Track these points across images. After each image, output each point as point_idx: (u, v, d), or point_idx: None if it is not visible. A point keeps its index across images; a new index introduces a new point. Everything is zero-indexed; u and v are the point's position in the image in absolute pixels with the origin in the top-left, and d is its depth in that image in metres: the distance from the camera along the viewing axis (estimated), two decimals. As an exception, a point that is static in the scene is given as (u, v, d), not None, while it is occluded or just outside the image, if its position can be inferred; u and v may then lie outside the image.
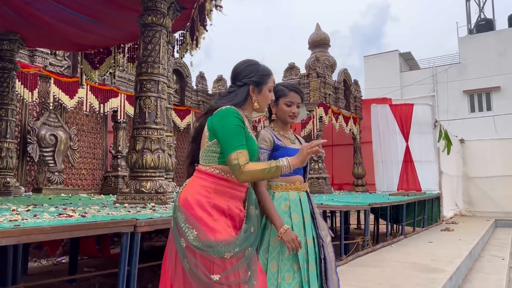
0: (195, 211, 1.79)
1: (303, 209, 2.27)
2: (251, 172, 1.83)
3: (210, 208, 1.81)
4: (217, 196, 1.85)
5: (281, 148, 2.28)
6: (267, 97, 2.06)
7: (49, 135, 7.57)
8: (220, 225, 1.79)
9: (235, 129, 1.85)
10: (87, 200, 5.37)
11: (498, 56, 22.63)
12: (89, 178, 8.68)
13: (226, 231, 1.80)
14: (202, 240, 1.74)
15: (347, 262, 5.29)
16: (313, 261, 2.16)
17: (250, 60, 2.09)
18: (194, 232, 1.75)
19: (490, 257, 7.17)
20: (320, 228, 2.30)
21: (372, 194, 9.92)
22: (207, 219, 1.78)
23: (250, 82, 2.00)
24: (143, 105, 4.12)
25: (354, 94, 11.78)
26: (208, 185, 1.86)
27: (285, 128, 2.41)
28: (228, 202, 1.86)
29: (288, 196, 2.26)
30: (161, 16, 4.29)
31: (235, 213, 1.88)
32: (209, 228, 1.77)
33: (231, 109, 1.90)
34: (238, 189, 1.92)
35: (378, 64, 25.74)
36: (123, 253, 2.37)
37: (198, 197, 1.83)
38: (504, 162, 12.90)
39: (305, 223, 2.24)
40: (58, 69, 7.72)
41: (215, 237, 1.75)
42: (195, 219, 1.77)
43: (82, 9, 5.14)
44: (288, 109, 2.34)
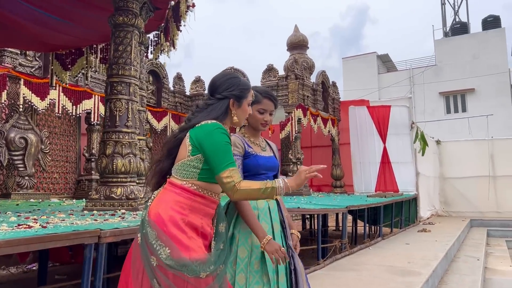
0: (168, 228, 1.68)
1: (272, 218, 2.18)
2: (246, 190, 1.76)
3: (184, 225, 1.71)
4: (191, 213, 1.75)
5: (252, 156, 2.20)
6: (246, 111, 1.99)
7: (19, 138, 7.30)
8: (195, 243, 1.71)
9: (225, 146, 1.78)
10: (56, 206, 5.18)
11: (472, 59, 23.15)
12: (61, 182, 8.42)
13: (200, 249, 1.72)
14: (176, 258, 1.63)
15: (324, 266, 5.24)
16: (283, 272, 2.08)
17: (230, 73, 2.05)
18: (167, 250, 1.64)
19: (465, 258, 7.25)
20: (289, 238, 2.23)
21: (350, 196, 9.95)
22: (181, 236, 1.68)
23: (231, 96, 1.93)
24: (114, 108, 3.98)
25: (332, 96, 11.82)
26: (184, 201, 1.76)
27: (256, 134, 2.32)
28: (202, 220, 1.78)
29: (257, 204, 2.17)
30: (132, 16, 4.16)
31: (207, 232, 1.80)
32: (184, 246, 1.67)
33: (219, 125, 1.82)
34: (211, 206, 1.84)
35: (356, 66, 26.02)
36: (86, 266, 2.25)
37: (171, 213, 1.72)
38: (478, 162, 13.15)
39: (274, 232, 2.15)
40: (28, 70, 7.46)
41: (190, 256, 1.66)
42: (168, 237, 1.66)
43: (51, 9, 4.95)
44: (260, 117, 2.25)
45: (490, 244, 9.99)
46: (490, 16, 25.82)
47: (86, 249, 2.25)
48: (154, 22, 5.31)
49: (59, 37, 5.66)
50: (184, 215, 1.72)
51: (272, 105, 2.27)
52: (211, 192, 1.82)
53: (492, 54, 22.82)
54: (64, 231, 2.16)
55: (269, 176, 2.25)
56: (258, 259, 2.07)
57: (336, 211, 6.54)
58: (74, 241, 2.16)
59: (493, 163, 13.19)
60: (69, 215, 3.33)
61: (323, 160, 12.30)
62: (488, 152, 13.21)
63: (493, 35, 23.55)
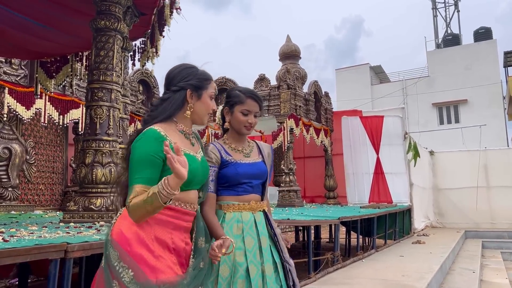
0: (132, 248, 1.48)
1: (259, 232, 1.99)
2: (135, 206, 1.49)
3: (151, 242, 1.51)
4: (158, 227, 1.54)
5: (231, 164, 2.01)
6: (208, 105, 1.75)
7: (2, 148, 7.11)
8: (163, 262, 1.50)
9: (143, 160, 1.54)
10: (37, 218, 4.97)
11: (464, 70, 23.27)
12: (47, 194, 8.20)
13: (170, 269, 1.51)
14: (141, 282, 1.43)
15: (316, 280, 5.06)
16: None
17: (186, 63, 1.80)
18: (130, 273, 1.44)
19: (461, 270, 7.08)
20: (284, 252, 2.04)
21: (343, 207, 9.78)
22: (147, 256, 1.48)
23: (188, 86, 1.71)
24: (94, 115, 3.82)
25: (325, 106, 11.72)
26: None
27: (240, 139, 2.12)
28: (172, 235, 1.58)
29: (241, 217, 1.98)
30: (115, 20, 4.03)
31: (181, 247, 1.60)
32: (150, 267, 1.46)
33: (150, 132, 1.59)
34: (183, 218, 1.63)
35: (349, 77, 26.08)
36: (51, 283, 2.06)
37: (136, 229, 1.51)
38: (471, 173, 13.06)
39: (262, 247, 1.96)
40: (13, 78, 7.28)
41: (157, 278, 1.45)
42: (131, 257, 1.46)
43: (33, 14, 4.81)
44: (244, 119, 2.05)
45: (485, 255, 9.83)
46: (481, 28, 26.04)
47: (50, 264, 2.07)
48: (140, 28, 5.19)
49: (42, 44, 5.51)
50: (150, 230, 1.53)
51: (257, 105, 2.08)
52: (179, 202, 1.61)
53: (484, 65, 22.95)
54: (26, 245, 1.98)
55: (253, 185, 2.06)
56: (242, 278, 1.87)
57: (328, 222, 6.36)
58: (37, 256, 1.98)
59: (487, 174, 13.11)
60: (43, 227, 3.14)
61: (316, 170, 12.16)
62: (482, 163, 13.12)
63: (485, 47, 23.72)
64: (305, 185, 12.32)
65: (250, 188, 2.06)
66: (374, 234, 8.11)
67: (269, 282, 1.89)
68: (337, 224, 6.30)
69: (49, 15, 4.79)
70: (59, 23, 4.98)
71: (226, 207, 2.00)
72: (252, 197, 2.06)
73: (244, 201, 2.02)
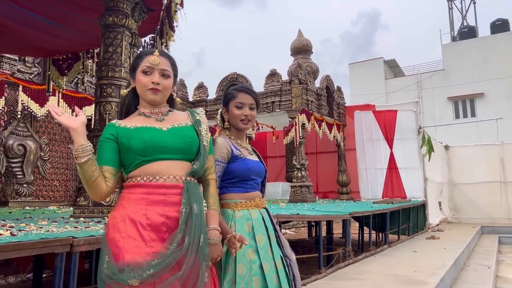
0: (108, 232, 1.54)
1: (268, 228, 2.00)
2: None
3: (123, 222, 1.51)
4: (131, 206, 1.55)
5: (240, 159, 2.01)
6: (139, 81, 1.72)
7: (17, 145, 7.22)
8: (129, 242, 1.47)
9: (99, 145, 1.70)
10: (50, 213, 5.04)
11: (481, 63, 22.80)
12: (61, 190, 8.32)
13: (138, 248, 1.46)
14: (111, 265, 1.47)
15: (326, 275, 5.03)
16: (287, 285, 1.90)
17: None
18: (106, 258, 1.49)
19: (475, 266, 6.97)
20: (285, 247, 2.05)
21: (356, 202, 9.71)
22: (116, 237, 1.50)
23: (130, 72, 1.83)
24: (103, 111, 3.86)
25: (337, 101, 11.62)
26: (123, 197, 1.61)
27: (240, 136, 2.12)
28: (146, 211, 1.53)
29: (250, 215, 1.98)
30: (123, 16, 4.04)
31: (159, 222, 1.53)
32: (118, 248, 1.48)
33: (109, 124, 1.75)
34: (159, 192, 1.57)
35: (363, 72, 25.78)
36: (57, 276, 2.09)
37: (113, 213, 1.59)
38: (488, 168, 12.83)
39: (272, 243, 1.97)
40: (27, 76, 7.40)
41: (123, 259, 1.45)
42: (107, 242, 1.52)
43: (43, 11, 4.87)
44: (238, 112, 2.04)
45: (502, 251, 9.66)
46: (498, 19, 25.48)
47: (56, 258, 2.09)
48: (149, 24, 5.21)
49: (54, 41, 5.58)
50: (123, 211, 1.55)
51: (250, 97, 2.07)
52: (146, 176, 1.60)
53: (501, 58, 22.45)
54: (32, 239, 2.01)
55: (257, 182, 2.09)
56: (257, 275, 1.88)
57: (339, 217, 6.32)
58: (43, 250, 2.00)
59: (504, 168, 12.86)
60: (52, 222, 3.18)
61: (329, 165, 12.09)
62: (499, 157, 12.88)
63: (502, 39, 23.19)
64: (317, 181, 12.26)
65: (256, 185, 2.08)
66: (387, 230, 8.04)
67: (281, 276, 1.91)
68: (349, 219, 6.25)
69: (59, 12, 4.84)
70: (69, 21, 5.03)
71: (234, 206, 1.99)
72: (257, 194, 2.07)
73: (250, 199, 2.02)
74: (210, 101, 11.11)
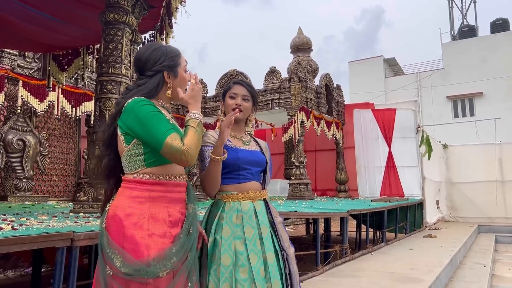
0: (124, 229, 1.52)
1: (260, 221, 2.00)
2: (192, 144, 1.59)
3: (146, 220, 1.54)
4: (153, 205, 1.58)
5: (230, 149, 2.03)
6: (184, 79, 1.78)
7: (17, 140, 7.24)
8: (155, 240, 1.53)
9: (154, 116, 1.58)
10: (49, 208, 5.07)
11: (480, 62, 22.82)
12: (60, 185, 8.34)
13: (163, 244, 1.54)
14: (131, 264, 1.48)
15: (323, 272, 5.07)
16: (277, 279, 1.90)
17: (153, 44, 1.85)
18: (119, 258, 1.49)
19: (472, 264, 7.03)
20: (282, 240, 2.04)
21: (353, 200, 9.75)
22: (139, 235, 1.51)
23: (163, 68, 1.74)
24: (103, 108, 3.87)
25: (336, 99, 11.64)
26: (141, 194, 1.58)
27: (236, 128, 2.14)
28: (168, 208, 1.61)
29: (241, 207, 1.99)
30: (124, 13, 4.06)
31: (177, 218, 1.64)
32: (140, 246, 1.50)
33: (138, 99, 1.63)
34: (177, 190, 1.67)
35: (362, 70, 25.80)
36: (58, 270, 2.12)
37: (129, 211, 1.55)
38: (486, 167, 12.89)
39: (263, 236, 1.97)
40: (27, 71, 7.41)
41: (148, 255, 1.49)
42: (121, 240, 1.51)
43: (45, 7, 4.87)
44: (231, 102, 2.10)
45: (498, 250, 9.72)
46: (498, 19, 25.48)
47: (57, 252, 2.12)
48: (150, 21, 5.22)
49: (54, 36, 5.58)
50: (144, 209, 1.56)
51: (242, 88, 2.12)
52: (168, 176, 1.66)
53: (501, 58, 22.47)
54: (33, 234, 2.04)
55: (253, 172, 2.08)
56: (244, 266, 1.88)
57: (337, 215, 6.35)
58: (44, 244, 2.03)
59: (502, 168, 12.92)
60: (52, 217, 3.21)
61: (327, 163, 12.13)
62: (496, 156, 12.93)
63: (501, 38, 23.21)
64: (316, 178, 12.31)
65: (250, 175, 2.06)
66: (385, 228, 8.08)
67: (271, 270, 1.90)
68: (346, 217, 6.29)
69: (60, 8, 4.84)
70: (70, 16, 5.03)
71: (225, 197, 2.01)
72: (252, 185, 2.06)
73: (243, 190, 2.03)
74: (210, 97, 11.13)
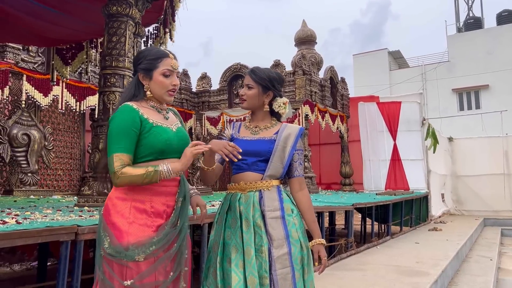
0: (111, 216, 1.68)
1: (242, 214, 1.92)
2: (127, 177, 1.66)
3: (128, 210, 1.69)
4: (136, 195, 1.71)
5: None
6: (160, 83, 1.81)
7: (22, 134, 7.25)
8: (135, 227, 1.66)
9: (115, 132, 1.70)
10: (54, 202, 5.08)
11: (486, 54, 22.60)
12: (65, 179, 8.36)
13: (143, 232, 1.66)
14: (114, 246, 1.63)
15: (328, 265, 5.05)
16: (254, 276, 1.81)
17: (147, 47, 2.00)
18: (108, 239, 1.65)
19: (477, 258, 7.00)
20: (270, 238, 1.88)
21: (358, 194, 9.72)
22: (121, 223, 1.66)
23: (138, 70, 1.84)
24: (107, 101, 3.86)
25: (341, 92, 11.58)
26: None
27: (254, 117, 2.10)
28: (151, 200, 1.72)
29: (231, 197, 1.98)
30: (127, 6, 4.03)
31: (161, 210, 1.74)
32: (122, 232, 1.64)
33: (122, 107, 1.75)
34: (163, 184, 1.75)
35: (367, 63, 25.63)
36: (62, 264, 2.11)
37: (115, 201, 1.72)
38: (492, 160, 12.80)
39: (243, 230, 1.88)
40: (31, 65, 7.41)
41: (128, 241, 1.63)
42: (109, 226, 1.67)
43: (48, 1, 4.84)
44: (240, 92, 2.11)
45: (504, 243, 9.67)
46: (505, 10, 25.19)
47: (61, 246, 2.11)
48: (153, 14, 5.18)
49: (57, 30, 5.56)
50: (127, 199, 1.69)
51: (247, 77, 2.08)
52: None
53: (507, 50, 22.24)
54: (38, 227, 2.03)
55: (248, 162, 1.98)
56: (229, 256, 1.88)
57: (342, 208, 6.33)
58: (48, 238, 2.03)
59: (508, 161, 12.82)
60: (57, 211, 3.21)
61: (332, 157, 12.09)
62: (503, 149, 12.83)
63: (508, 30, 22.95)
64: (320, 172, 12.26)
65: (245, 165, 1.99)
66: (390, 221, 8.06)
67: (248, 266, 1.83)
68: (351, 210, 6.27)
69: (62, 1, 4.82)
70: (72, 9, 5.01)
71: (227, 187, 2.05)
72: (244, 176, 1.98)
73: (235, 182, 2.01)
74: (214, 91, 11.09)
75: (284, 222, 1.94)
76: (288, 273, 1.85)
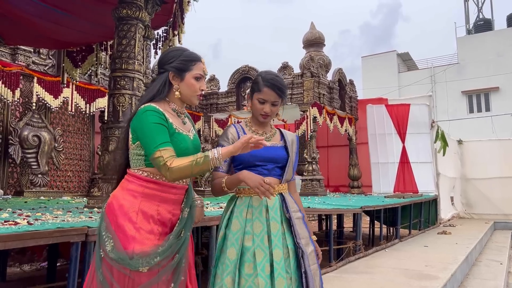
0: (117, 218, 1.63)
1: (270, 217, 1.94)
2: (178, 167, 1.62)
3: (135, 214, 1.64)
4: (145, 200, 1.67)
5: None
6: (192, 86, 1.80)
7: (32, 136, 7.33)
8: (142, 234, 1.61)
9: (154, 127, 1.67)
10: (64, 203, 5.12)
11: (496, 56, 22.43)
12: (75, 181, 8.43)
13: (148, 240, 1.61)
14: (118, 251, 1.58)
15: (337, 269, 5.04)
16: (282, 277, 1.84)
17: (177, 47, 1.95)
18: (112, 243, 1.59)
19: (487, 262, 6.93)
20: (299, 237, 1.95)
21: (367, 197, 9.68)
22: (128, 227, 1.61)
23: (170, 68, 1.80)
24: (117, 103, 3.89)
25: (349, 94, 11.56)
26: (135, 189, 1.69)
27: (260, 124, 2.09)
28: (158, 207, 1.69)
29: (252, 202, 1.95)
30: (137, 9, 4.06)
31: (166, 218, 1.70)
32: (128, 237, 1.59)
33: (148, 107, 1.72)
34: (172, 192, 1.73)
35: (375, 65, 25.56)
36: (73, 265, 2.13)
37: (122, 202, 1.66)
38: (502, 163, 12.67)
39: (272, 232, 1.91)
40: (42, 68, 7.49)
41: (133, 248, 1.58)
42: (114, 228, 1.61)
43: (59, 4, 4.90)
44: (260, 107, 2.01)
45: (515, 247, 9.57)
46: (515, 12, 25.01)
47: (72, 247, 2.14)
48: (162, 17, 5.22)
49: (68, 33, 5.62)
50: (135, 203, 1.65)
51: (274, 95, 2.00)
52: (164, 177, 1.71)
53: (518, 52, 22.08)
54: (49, 228, 2.05)
55: (268, 168, 2.00)
56: (249, 262, 1.86)
57: (350, 211, 6.31)
58: (59, 239, 2.05)
59: (518, 164, 12.69)
60: (67, 212, 3.24)
61: (340, 159, 12.06)
62: (513, 152, 12.71)
63: (518, 32, 22.80)
64: (328, 174, 12.24)
65: (266, 171, 2.00)
66: (398, 224, 8.01)
67: (277, 268, 1.85)
68: (360, 213, 6.24)
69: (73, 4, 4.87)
70: (83, 12, 5.06)
71: (239, 191, 2.00)
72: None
73: None
74: (222, 93, 11.13)
75: (304, 222, 2.07)
76: (317, 269, 1.98)
